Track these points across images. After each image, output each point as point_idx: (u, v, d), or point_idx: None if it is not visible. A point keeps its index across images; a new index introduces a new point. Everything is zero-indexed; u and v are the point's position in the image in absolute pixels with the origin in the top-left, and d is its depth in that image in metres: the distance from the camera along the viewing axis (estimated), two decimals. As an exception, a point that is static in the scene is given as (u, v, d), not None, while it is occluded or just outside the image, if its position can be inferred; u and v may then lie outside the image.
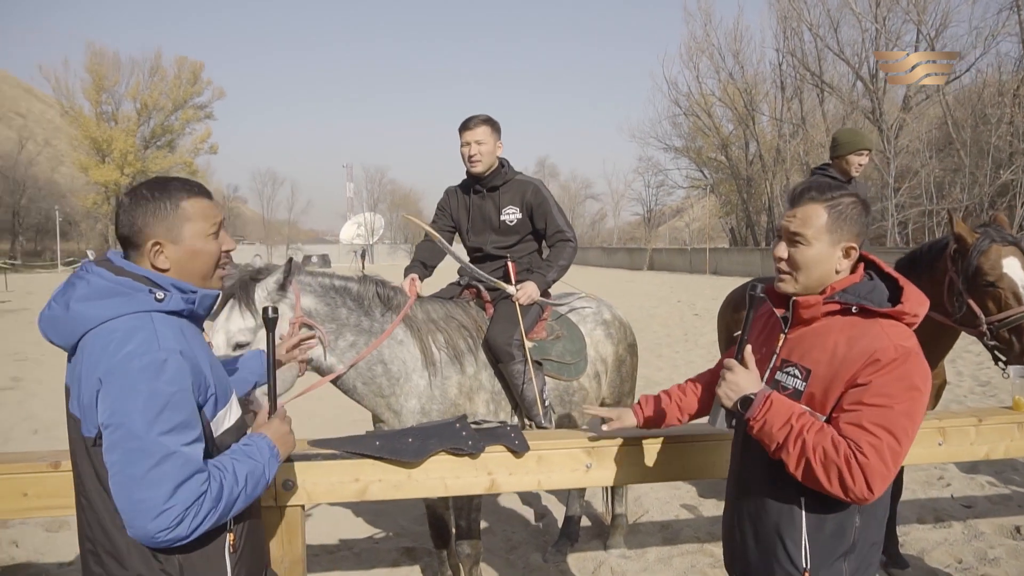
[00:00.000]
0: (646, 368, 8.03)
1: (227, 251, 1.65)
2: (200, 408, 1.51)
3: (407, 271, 3.49)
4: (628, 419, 2.17)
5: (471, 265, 3.53)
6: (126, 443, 1.40)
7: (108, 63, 56.92)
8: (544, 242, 3.68)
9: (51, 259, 50.28)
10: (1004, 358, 3.19)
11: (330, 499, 2.19)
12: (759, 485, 1.74)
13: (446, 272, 3.78)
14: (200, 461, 1.46)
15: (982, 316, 3.17)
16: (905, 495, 4.90)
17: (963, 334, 3.46)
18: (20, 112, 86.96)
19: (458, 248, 3.76)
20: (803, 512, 1.65)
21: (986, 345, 3.24)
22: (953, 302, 3.27)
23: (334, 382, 2.94)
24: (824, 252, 1.69)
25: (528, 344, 3.32)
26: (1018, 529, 4.28)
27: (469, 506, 3.16)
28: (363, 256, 54.04)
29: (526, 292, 3.35)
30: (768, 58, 49.46)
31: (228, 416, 1.62)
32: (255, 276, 2.74)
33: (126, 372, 1.40)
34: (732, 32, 43.01)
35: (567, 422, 3.50)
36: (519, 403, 3.29)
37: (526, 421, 3.32)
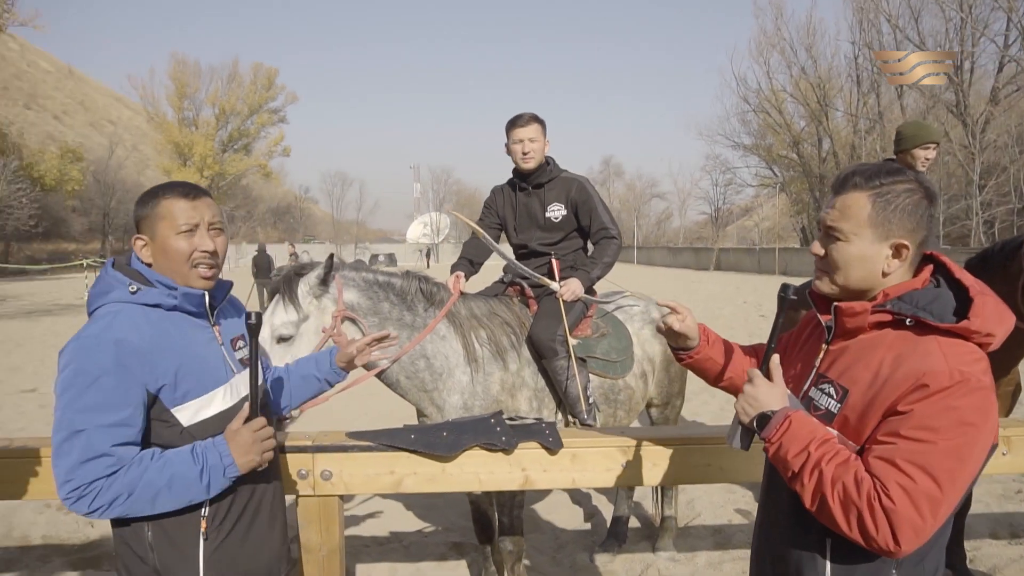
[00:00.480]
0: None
1: (204, 251, 1.68)
2: (154, 395, 1.58)
3: (453, 268, 3.52)
4: (692, 330, 1.83)
5: (516, 262, 3.53)
6: (55, 413, 1.54)
7: (190, 71, 59.82)
8: (589, 239, 3.66)
9: (136, 258, 52.95)
10: None
11: (366, 490, 2.23)
12: (784, 517, 1.53)
13: (494, 270, 3.80)
14: (109, 445, 1.51)
15: None
16: (978, 508, 4.64)
17: None
18: (111, 119, 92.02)
19: (504, 246, 3.78)
20: (828, 557, 1.43)
21: None
22: None
23: (379, 376, 3.00)
24: (866, 250, 1.43)
25: (572, 341, 3.31)
26: (1104, 548, 4.00)
27: (511, 503, 3.17)
28: (428, 255, 54.85)
29: (570, 288, 3.33)
30: (843, 51, 47.73)
31: (207, 409, 1.66)
32: (299, 271, 2.82)
33: (69, 350, 1.55)
34: (805, 26, 41.78)
35: (612, 421, 3.47)
36: (562, 400, 3.28)
37: (569, 418, 3.31)
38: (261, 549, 1.76)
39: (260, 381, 1.72)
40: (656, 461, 2.22)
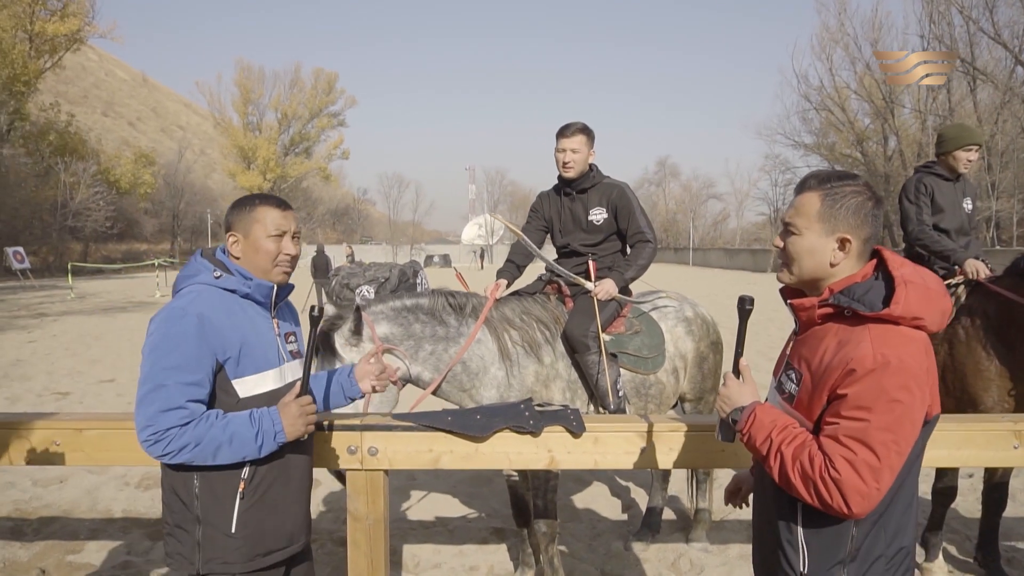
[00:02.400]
0: (757, 373, 7.87)
1: (288, 255, 1.99)
2: (221, 364, 1.87)
3: (499, 274, 3.77)
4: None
5: (553, 263, 3.75)
6: (141, 370, 1.83)
7: (254, 77, 62.04)
8: (626, 242, 3.84)
9: (204, 258, 55.14)
10: None
11: (407, 466, 2.47)
12: (768, 493, 1.71)
13: (540, 268, 4.03)
14: (184, 400, 1.79)
15: None
16: (1023, 511, 4.61)
17: None
18: (181, 125, 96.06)
19: (550, 246, 4.00)
20: (800, 519, 1.61)
21: None
22: None
23: (434, 392, 3.28)
24: (816, 243, 1.61)
25: (606, 337, 3.49)
26: None
27: (546, 487, 3.38)
28: (482, 256, 55.35)
29: (604, 288, 3.52)
30: (911, 46, 45.99)
31: (260, 385, 1.94)
32: (330, 328, 3.06)
33: (159, 319, 1.86)
34: (870, 20, 40.45)
35: (642, 413, 3.63)
36: (594, 392, 3.46)
37: (600, 410, 3.49)
38: (287, 515, 2.00)
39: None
40: (672, 446, 2.39)
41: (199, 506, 1.89)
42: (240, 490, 1.89)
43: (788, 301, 1.71)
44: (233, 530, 1.89)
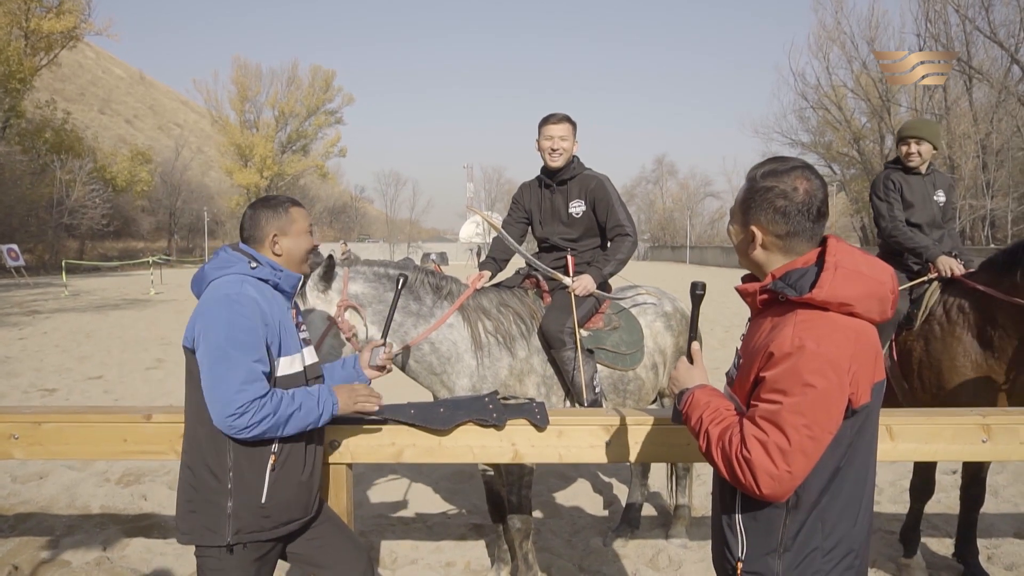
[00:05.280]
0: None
1: (313, 246, 2.25)
2: (268, 345, 2.03)
3: (481, 267, 3.74)
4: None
5: (531, 257, 3.71)
6: (211, 352, 1.96)
7: (251, 75, 61.79)
8: (605, 235, 3.80)
9: (200, 256, 55.13)
10: None
11: (370, 460, 2.45)
12: (717, 482, 1.74)
13: (520, 264, 4.00)
14: (261, 375, 1.97)
15: None
16: (1004, 507, 4.60)
17: None
18: (178, 123, 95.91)
19: (530, 240, 3.97)
20: (739, 505, 1.63)
21: None
22: None
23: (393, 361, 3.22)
24: (738, 231, 1.69)
25: (583, 333, 3.47)
26: None
27: (520, 483, 3.35)
28: (479, 254, 55.28)
29: (582, 284, 3.49)
30: (907, 44, 45.97)
31: (291, 367, 2.12)
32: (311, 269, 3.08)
33: (216, 302, 2.01)
34: (867, 19, 40.45)
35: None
36: (570, 388, 3.44)
37: (577, 406, 3.46)
38: (305, 490, 2.16)
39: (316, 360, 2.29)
40: (637, 439, 2.37)
41: (232, 478, 2.03)
42: (271, 463, 2.05)
43: (736, 288, 1.74)
44: (264, 500, 2.05)
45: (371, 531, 4.27)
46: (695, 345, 1.81)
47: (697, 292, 1.86)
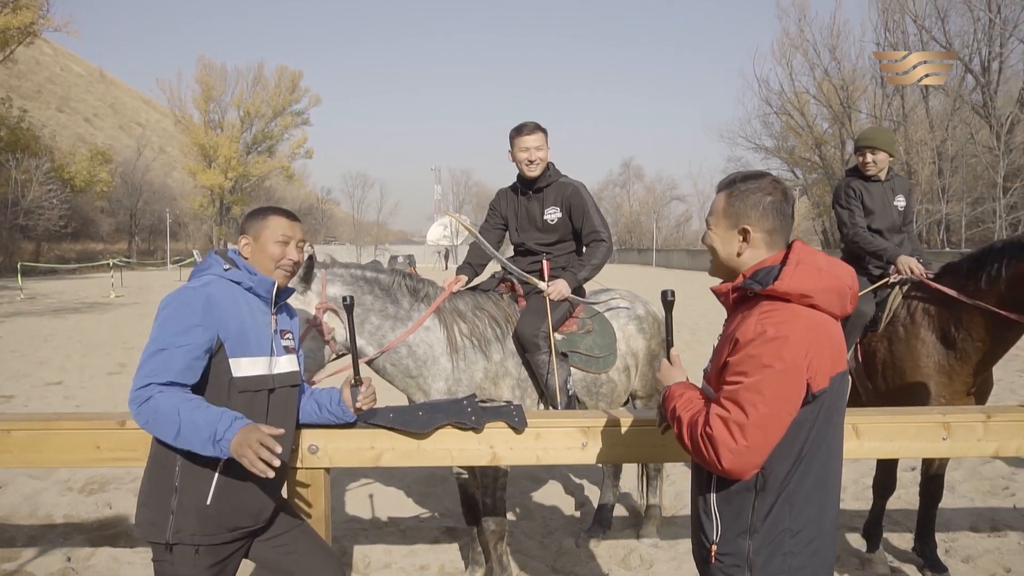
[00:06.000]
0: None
1: (291, 260, 2.23)
2: (221, 342, 2.04)
3: (457, 271, 3.76)
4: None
5: (506, 261, 3.75)
6: (149, 338, 2.01)
7: (216, 74, 60.86)
8: (581, 241, 3.85)
9: (161, 258, 54.07)
10: None
11: (349, 464, 2.45)
12: (695, 469, 1.84)
13: (496, 269, 4.02)
14: (183, 364, 1.96)
15: None
16: (961, 503, 4.76)
17: None
18: (140, 122, 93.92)
19: (506, 244, 4.01)
20: (712, 490, 1.73)
21: None
22: None
23: (368, 364, 3.22)
24: (723, 235, 1.80)
25: (557, 337, 3.51)
26: (1080, 542, 4.09)
27: (494, 485, 3.37)
28: (446, 257, 55.16)
29: (556, 288, 3.53)
30: (867, 53, 47.16)
31: (251, 368, 2.10)
32: None
33: (174, 295, 2.07)
34: (829, 27, 41.39)
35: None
36: (544, 391, 3.47)
37: (550, 409, 3.50)
38: (258, 495, 2.10)
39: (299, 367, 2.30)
40: (613, 441, 2.41)
41: (179, 476, 2.01)
42: (220, 464, 2.00)
43: (711, 289, 1.88)
44: (209, 502, 2.00)
45: (343, 536, 4.25)
46: (674, 351, 1.93)
47: (668, 299, 2.01)
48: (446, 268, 48.23)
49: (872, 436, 2.48)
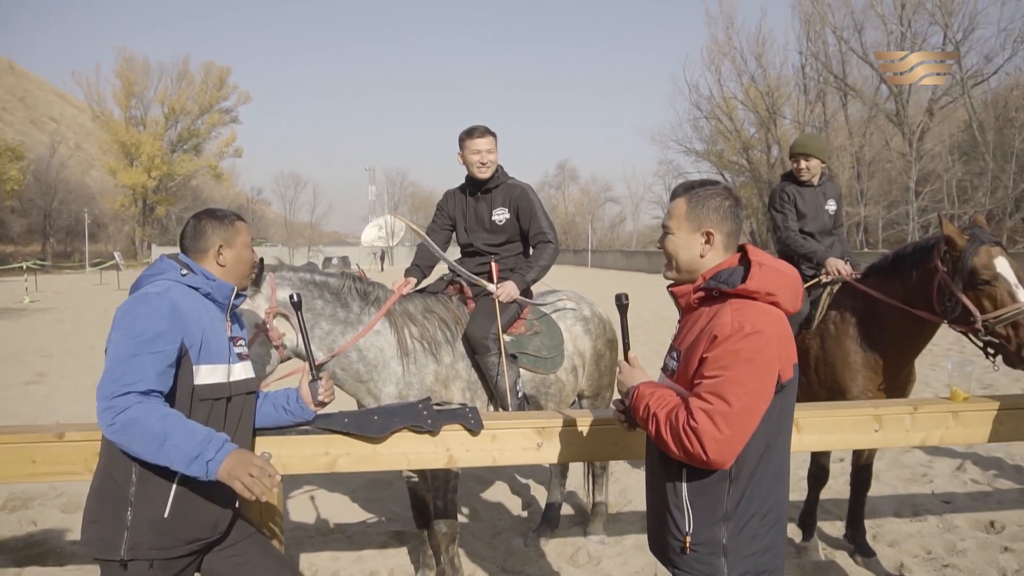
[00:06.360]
0: (652, 369, 8.17)
1: (255, 262, 2.28)
2: (186, 349, 1.99)
3: (406, 273, 3.74)
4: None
5: (455, 264, 3.76)
6: (110, 344, 1.92)
7: (138, 69, 58.37)
8: (528, 243, 3.90)
9: (80, 260, 51.47)
10: (994, 352, 3.27)
11: (303, 471, 2.41)
12: (655, 466, 1.92)
13: (444, 271, 4.01)
14: (153, 372, 1.89)
15: (977, 313, 3.27)
16: (885, 490, 5.03)
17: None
18: (53, 117, 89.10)
19: (454, 246, 4.01)
20: (684, 483, 1.80)
21: (976, 341, 3.34)
22: (944, 301, 3.37)
23: (318, 368, 3.17)
24: (686, 239, 1.89)
25: (506, 338, 3.53)
26: (992, 524, 4.39)
27: (446, 487, 3.38)
28: (383, 258, 54.53)
29: (505, 291, 3.56)
30: (791, 61, 49.13)
31: (211, 376, 2.05)
32: None
33: (134, 301, 1.99)
34: (755, 35, 42.89)
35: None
36: (494, 393, 3.50)
37: (500, 410, 3.53)
38: (214, 506, 2.06)
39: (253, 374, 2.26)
40: (569, 440, 2.46)
41: (135, 490, 1.94)
42: (179, 475, 1.94)
43: (669, 290, 1.97)
44: (167, 514, 1.95)
45: (289, 544, 4.15)
46: (632, 354, 2.01)
47: (622, 302, 2.10)
48: (382, 270, 47.64)
49: (811, 430, 2.61)
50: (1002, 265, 3.25)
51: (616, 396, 2.04)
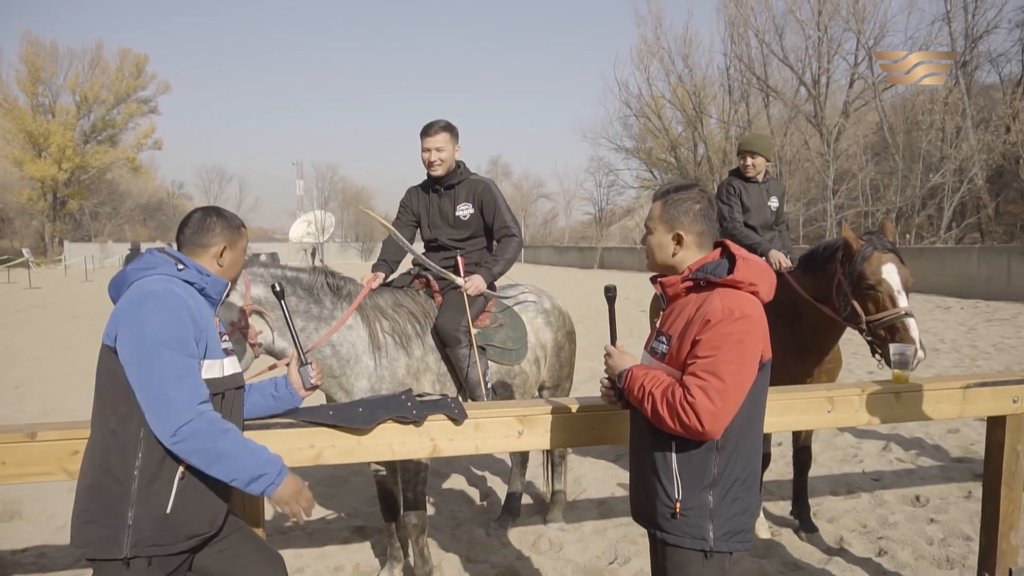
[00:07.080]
0: (592, 362, 8.38)
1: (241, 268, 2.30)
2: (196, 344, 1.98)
3: (374, 268, 3.75)
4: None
5: (424, 259, 3.79)
6: (144, 352, 1.89)
7: (45, 53, 54.99)
8: (492, 237, 3.96)
9: (-16, 257, 48.26)
10: (880, 351, 3.53)
11: (288, 464, 2.40)
12: (644, 441, 2.08)
13: (408, 268, 4.03)
14: (195, 371, 1.94)
15: (863, 315, 3.52)
16: (821, 471, 5.34)
17: None
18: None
19: (419, 241, 4.03)
20: (674, 453, 1.98)
21: (866, 340, 3.62)
22: (839, 301, 3.63)
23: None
24: (661, 239, 2.10)
25: (473, 331, 3.60)
26: (917, 498, 4.74)
27: (415, 479, 3.41)
28: (313, 254, 53.38)
29: (474, 284, 3.63)
30: (716, 62, 50.75)
31: (210, 371, 2.05)
32: None
33: (142, 299, 1.94)
34: (682, 36, 44.06)
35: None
36: (463, 384, 3.55)
37: (470, 401, 3.59)
38: (214, 499, 2.08)
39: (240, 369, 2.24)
40: (548, 428, 2.55)
41: (136, 487, 1.93)
42: (181, 470, 1.96)
43: (658, 280, 2.15)
44: (169, 510, 1.95)
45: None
46: (618, 341, 2.21)
47: (609, 295, 2.33)
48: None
49: (770, 411, 2.76)
50: (888, 271, 3.49)
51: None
